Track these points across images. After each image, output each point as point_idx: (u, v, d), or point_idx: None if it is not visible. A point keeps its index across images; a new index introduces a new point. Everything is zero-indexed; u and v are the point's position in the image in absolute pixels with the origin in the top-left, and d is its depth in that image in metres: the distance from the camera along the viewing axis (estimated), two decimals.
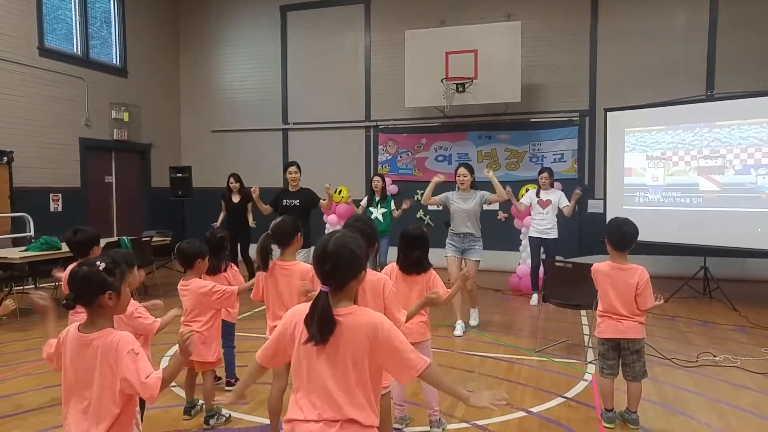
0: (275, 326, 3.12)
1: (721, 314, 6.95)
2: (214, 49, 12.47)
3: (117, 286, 2.12)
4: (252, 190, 6.81)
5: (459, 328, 6.12)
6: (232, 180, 8.73)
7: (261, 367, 2.09)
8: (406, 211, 8.10)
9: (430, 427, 3.63)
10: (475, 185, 6.35)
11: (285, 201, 6.69)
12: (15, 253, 6.90)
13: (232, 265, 4.36)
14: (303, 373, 1.93)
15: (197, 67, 12.57)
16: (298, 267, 3.28)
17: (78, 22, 10.37)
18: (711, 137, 7.62)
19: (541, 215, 7.49)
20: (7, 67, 8.92)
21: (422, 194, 10.64)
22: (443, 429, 3.64)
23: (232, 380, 4.49)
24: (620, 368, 3.74)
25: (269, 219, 3.96)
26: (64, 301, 2.10)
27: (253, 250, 8.91)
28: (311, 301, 1.90)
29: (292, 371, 1.98)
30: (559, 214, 7.50)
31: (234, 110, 12.29)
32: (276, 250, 3.43)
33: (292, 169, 6.83)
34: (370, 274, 2.85)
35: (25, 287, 7.55)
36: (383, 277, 2.89)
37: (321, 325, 1.84)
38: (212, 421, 3.79)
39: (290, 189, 6.80)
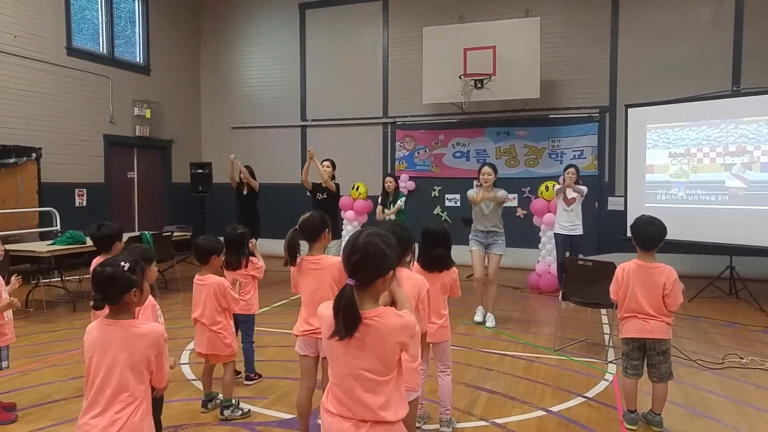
0: (309, 322, 3.15)
1: (747, 315, 6.80)
2: (234, 46, 12.55)
3: (140, 283, 2.24)
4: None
5: (479, 314, 6.41)
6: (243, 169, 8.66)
7: None
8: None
9: (440, 426, 3.63)
10: (495, 182, 6.38)
11: (318, 194, 7.32)
12: (42, 247, 7.02)
13: (252, 260, 4.39)
14: (329, 368, 1.96)
15: (217, 65, 12.67)
16: (327, 260, 3.25)
17: (104, 22, 10.54)
18: (737, 133, 7.47)
19: (566, 212, 7.52)
20: (37, 67, 9.13)
21: (439, 191, 10.82)
22: (452, 428, 3.64)
23: (252, 374, 4.52)
24: (644, 369, 3.67)
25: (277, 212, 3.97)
26: (92, 303, 2.21)
27: (264, 243, 8.97)
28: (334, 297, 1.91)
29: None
30: (584, 211, 7.59)
31: (253, 107, 12.37)
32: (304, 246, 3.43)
33: (326, 163, 7.39)
34: (408, 275, 2.83)
35: (52, 280, 7.69)
36: (420, 279, 2.86)
37: (345, 320, 1.84)
38: (227, 412, 3.82)
39: (322, 184, 7.32)
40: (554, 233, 7.79)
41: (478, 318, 6.40)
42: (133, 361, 2.16)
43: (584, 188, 7.59)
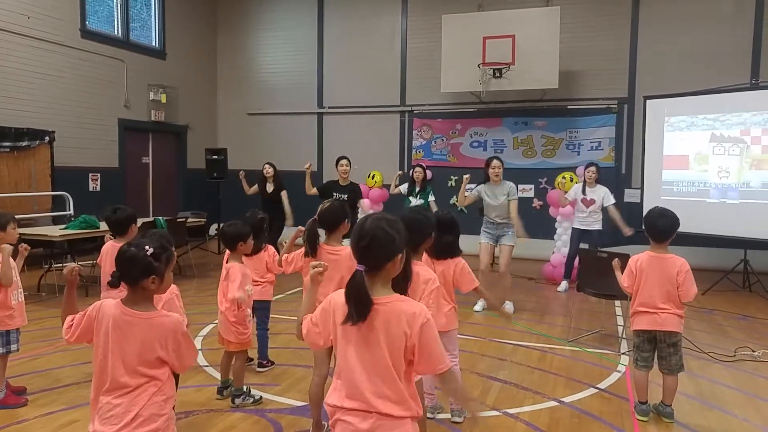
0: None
1: (760, 308, 6.76)
2: (251, 32, 12.52)
3: (162, 270, 2.16)
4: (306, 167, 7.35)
5: (480, 304, 6.43)
6: (266, 167, 8.56)
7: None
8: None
9: (452, 416, 3.63)
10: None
11: (335, 194, 7.04)
12: (55, 231, 7.08)
13: (269, 246, 4.38)
14: (339, 358, 1.94)
15: (234, 50, 12.66)
16: (346, 251, 3.21)
17: (119, 5, 10.53)
18: (755, 127, 7.32)
19: (584, 213, 7.42)
20: (50, 49, 9.11)
21: (456, 181, 10.75)
22: (464, 417, 3.63)
23: (265, 361, 4.53)
24: (655, 361, 3.66)
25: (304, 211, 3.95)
26: (110, 279, 2.15)
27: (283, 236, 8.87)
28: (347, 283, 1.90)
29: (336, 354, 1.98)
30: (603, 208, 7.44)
31: (270, 93, 12.36)
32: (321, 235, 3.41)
33: (343, 162, 7.23)
34: (423, 270, 2.81)
35: (64, 264, 7.75)
36: (433, 276, 2.84)
37: (357, 304, 1.84)
38: (238, 401, 3.83)
39: (341, 183, 7.20)
40: (572, 227, 7.70)
41: (477, 308, 6.45)
42: (150, 353, 2.12)
43: (605, 190, 7.40)
